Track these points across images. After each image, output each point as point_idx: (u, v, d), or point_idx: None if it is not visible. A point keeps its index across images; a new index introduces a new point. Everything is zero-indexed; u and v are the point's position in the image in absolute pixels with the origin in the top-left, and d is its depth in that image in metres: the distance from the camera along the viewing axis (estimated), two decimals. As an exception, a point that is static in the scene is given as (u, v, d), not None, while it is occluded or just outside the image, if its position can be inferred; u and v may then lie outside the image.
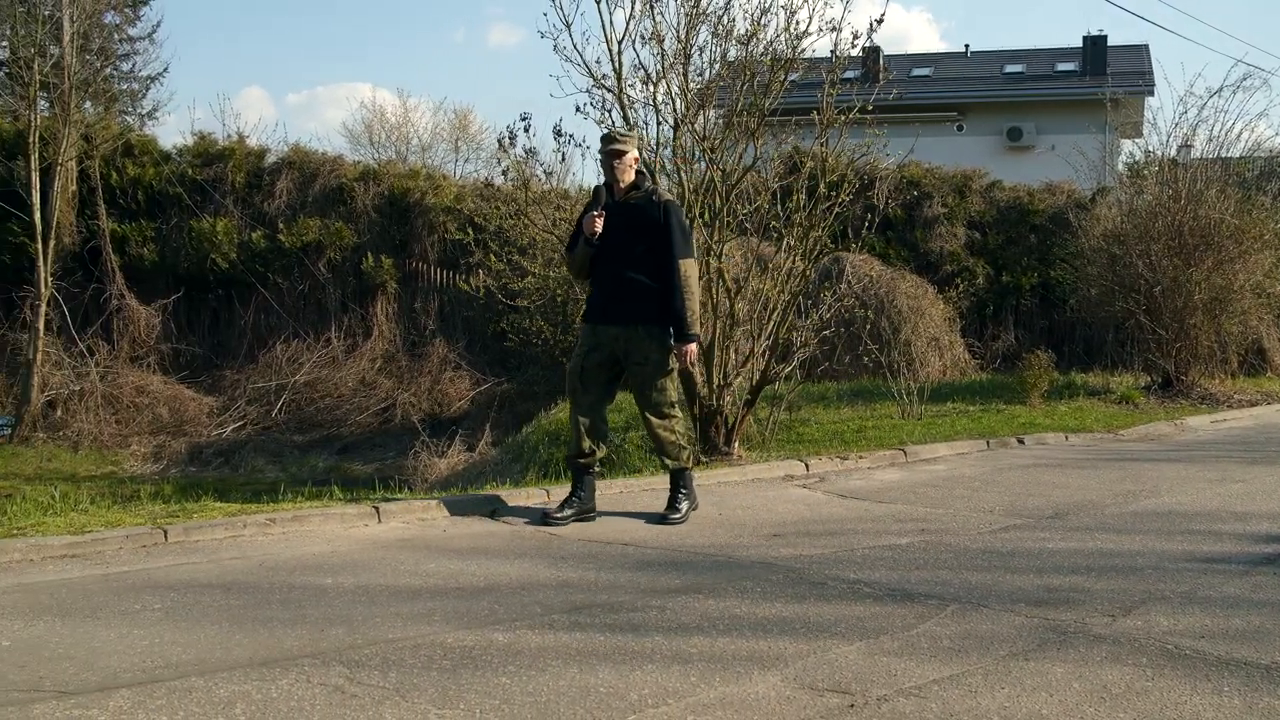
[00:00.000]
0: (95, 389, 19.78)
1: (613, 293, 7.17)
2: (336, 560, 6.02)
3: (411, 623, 4.78)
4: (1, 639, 4.49)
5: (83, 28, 23.08)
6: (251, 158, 23.52)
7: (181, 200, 22.70)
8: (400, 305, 21.90)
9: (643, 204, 7.12)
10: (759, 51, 10.01)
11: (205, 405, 20.33)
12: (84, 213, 22.80)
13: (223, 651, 4.36)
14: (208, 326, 22.66)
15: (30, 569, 5.74)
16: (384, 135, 38.97)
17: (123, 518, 6.87)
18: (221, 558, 6.04)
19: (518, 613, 4.95)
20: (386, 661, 4.24)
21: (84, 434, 18.87)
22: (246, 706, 3.75)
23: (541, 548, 6.43)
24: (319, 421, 19.85)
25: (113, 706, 3.75)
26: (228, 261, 22.06)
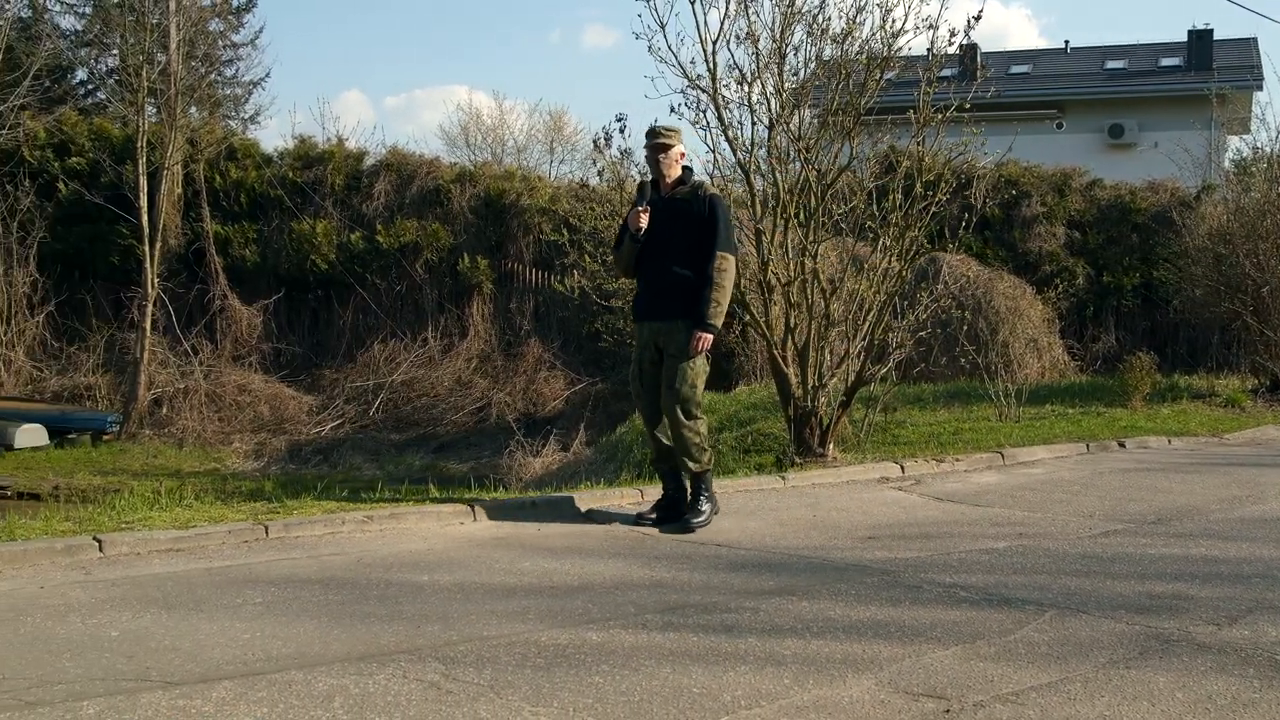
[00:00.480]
0: (199, 387, 20.23)
1: (657, 288, 7.11)
2: (432, 558, 6.08)
3: (506, 620, 4.82)
4: (110, 629, 4.61)
5: (188, 35, 23.63)
6: (350, 160, 23.87)
7: (282, 202, 23.11)
8: (496, 306, 22.09)
9: (689, 199, 7.04)
10: (854, 50, 9.94)
11: (305, 404, 20.69)
12: (189, 215, 23.32)
13: (321, 646, 4.43)
14: (307, 326, 23.05)
15: (137, 562, 5.88)
16: (480, 137, 39.38)
17: (225, 513, 7.02)
18: (320, 554, 6.14)
19: (611, 612, 4.96)
20: (481, 659, 4.27)
21: (188, 431, 19.30)
22: (344, 700, 3.81)
23: (635, 547, 6.45)
24: (415, 420, 20.10)
25: (215, 697, 3.83)
26: (327, 262, 22.42)
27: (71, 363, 22.25)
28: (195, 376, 20.47)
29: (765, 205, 9.89)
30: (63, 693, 3.86)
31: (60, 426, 19.03)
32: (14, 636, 4.50)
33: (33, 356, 22.55)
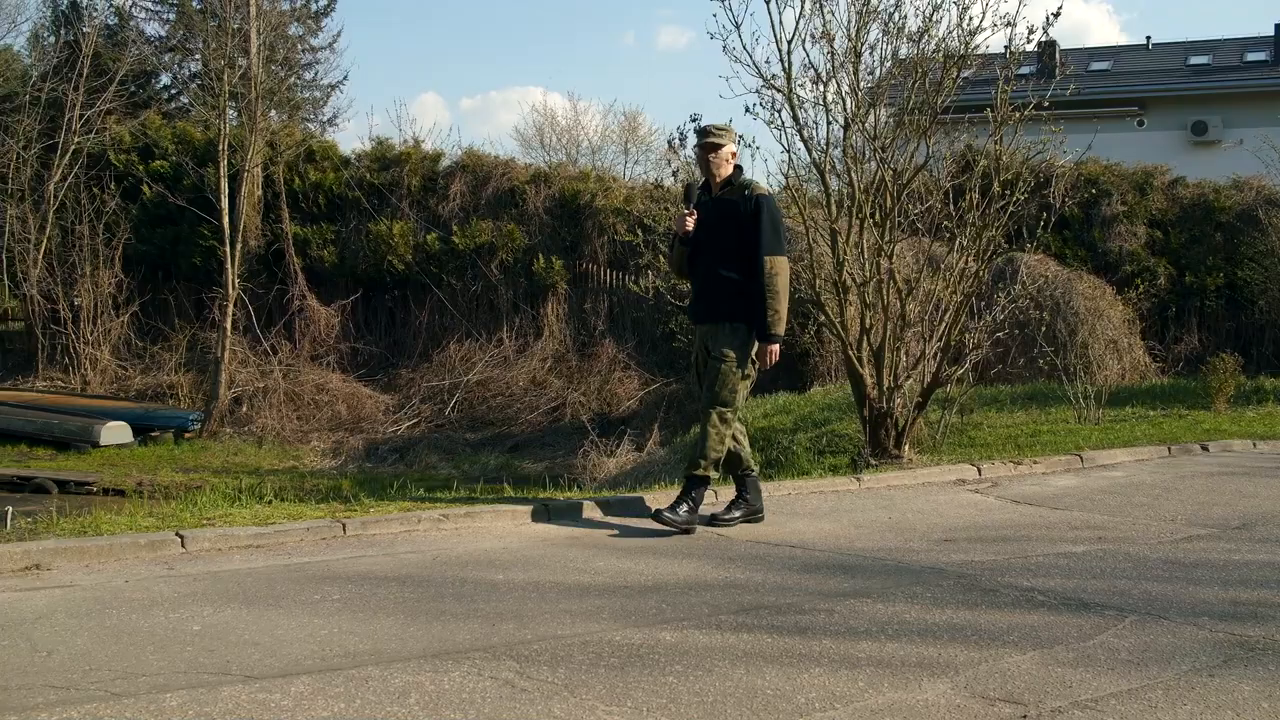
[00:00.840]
0: (278, 386, 20.52)
1: (704, 290, 7.03)
2: (507, 556, 6.12)
3: (580, 619, 4.84)
4: (193, 623, 4.69)
5: (268, 39, 23.99)
6: (427, 162, 24.08)
7: (360, 204, 23.37)
8: (570, 306, 22.17)
9: (736, 199, 6.90)
10: (931, 49, 9.87)
11: (381, 403, 20.91)
12: (268, 216, 23.66)
13: (398, 643, 4.48)
14: (384, 326, 23.29)
15: (218, 558, 5.98)
16: (555, 138, 39.58)
17: (304, 511, 7.11)
18: (397, 551, 6.20)
19: (685, 612, 4.97)
20: (555, 657, 4.29)
21: (267, 429, 19.59)
22: (420, 697, 3.85)
23: (709, 548, 6.44)
24: (490, 420, 20.23)
25: (294, 692, 3.88)
26: (403, 263, 22.63)
27: (155, 362, 22.68)
28: (274, 376, 20.76)
29: (840, 205, 9.85)
30: (146, 684, 3.93)
31: (144, 424, 19.40)
32: (100, 628, 4.60)
33: (118, 356, 23.03)
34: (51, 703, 3.75)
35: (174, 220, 23.38)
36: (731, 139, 7.08)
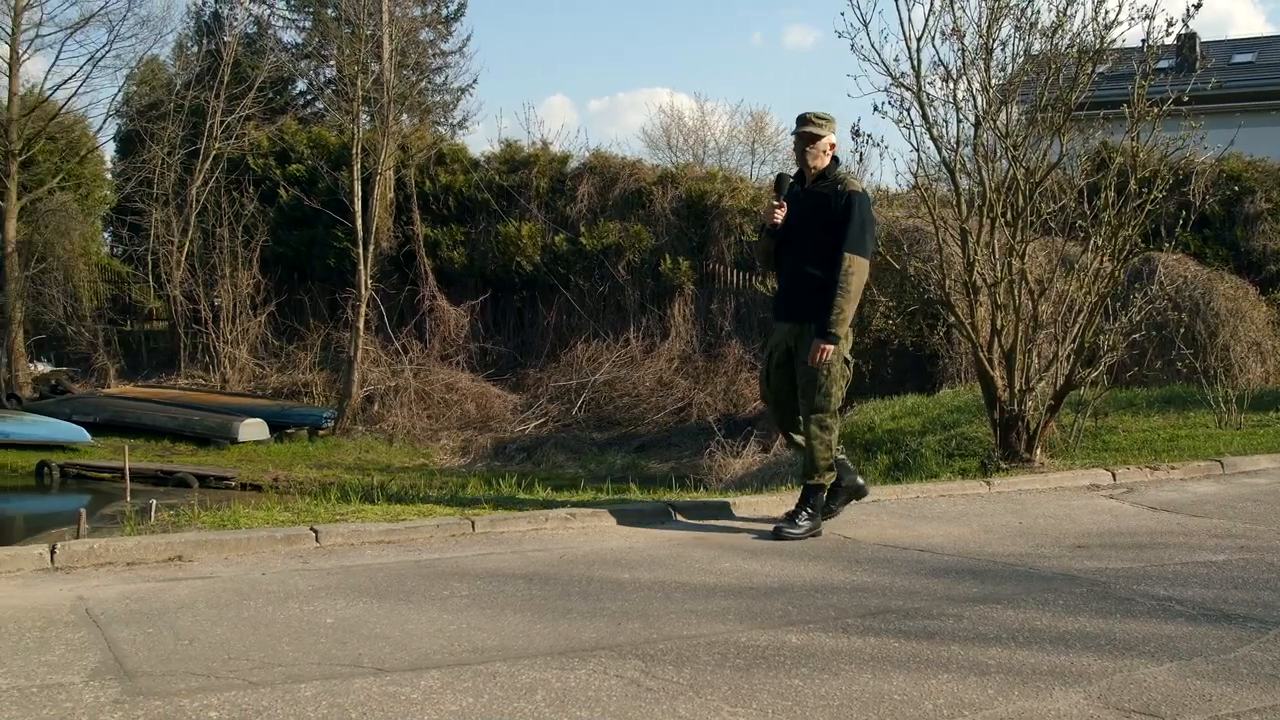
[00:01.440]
0: (409, 385, 20.89)
1: (791, 287, 6.82)
2: (633, 556, 6.15)
3: (706, 620, 4.84)
4: (326, 616, 4.80)
5: (400, 45, 24.45)
6: (554, 163, 24.31)
7: (489, 205, 23.68)
8: (697, 306, 22.19)
9: (827, 194, 6.62)
10: (1064, 44, 9.65)
11: (509, 402, 21.15)
12: (400, 218, 24.12)
13: (525, 639, 4.53)
14: (512, 327, 23.57)
15: (351, 553, 6.11)
16: (681, 139, 39.60)
17: (434, 508, 7.24)
18: (524, 549, 6.26)
19: (811, 615, 4.94)
20: (681, 657, 4.30)
21: (398, 427, 19.96)
22: (546, 694, 3.88)
23: (835, 550, 6.39)
24: (617, 420, 20.34)
25: (424, 686, 3.95)
26: (532, 264, 22.87)
27: (290, 361, 23.29)
28: (405, 375, 21.15)
29: (971, 204, 9.70)
30: (282, 674, 4.04)
31: (280, 422, 19.92)
32: (239, 619, 4.73)
33: (255, 355, 23.68)
34: (194, 689, 3.87)
35: (309, 223, 23.98)
36: (831, 130, 6.79)
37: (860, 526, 7.00)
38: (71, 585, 5.30)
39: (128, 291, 27.85)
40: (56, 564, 5.66)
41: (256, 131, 26.08)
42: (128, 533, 6.69)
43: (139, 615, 4.77)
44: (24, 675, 4.00)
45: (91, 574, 5.54)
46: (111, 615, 4.76)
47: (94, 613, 4.79)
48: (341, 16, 25.10)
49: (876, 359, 16.02)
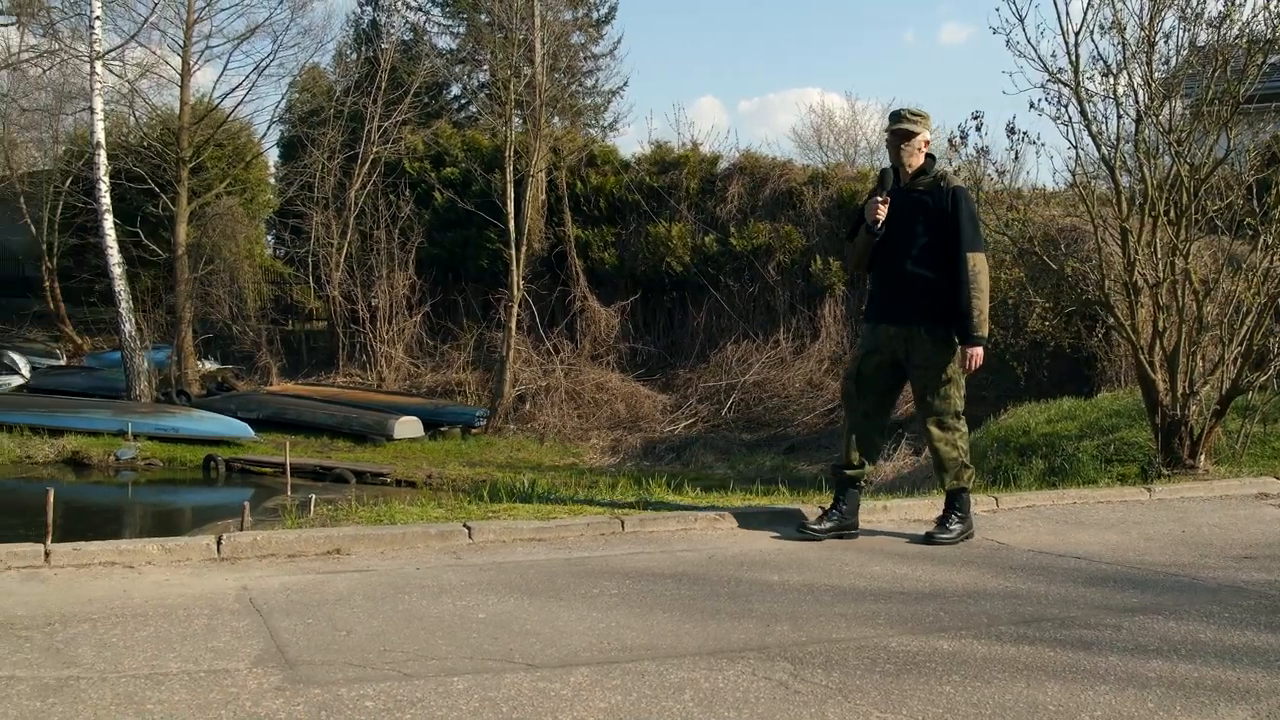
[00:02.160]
0: (559, 385, 21.12)
1: (893, 288, 6.59)
2: (782, 557, 6.12)
3: (855, 624, 4.79)
4: (478, 611, 4.88)
5: (552, 49, 24.74)
6: (704, 164, 24.33)
7: (639, 206, 23.81)
8: (848, 307, 21.98)
9: (929, 191, 6.44)
10: (1233, 34, 9.31)
11: (659, 402, 21.23)
12: (551, 220, 24.41)
13: (673, 639, 4.54)
14: (662, 327, 23.65)
15: (502, 549, 6.20)
16: (832, 138, 39.20)
17: (584, 506, 7.31)
18: (673, 549, 6.28)
19: (963, 621, 4.86)
20: (830, 660, 4.27)
21: (549, 426, 20.19)
22: (695, 693, 3.89)
23: (988, 556, 6.27)
24: (766, 421, 20.26)
25: (573, 682, 3.99)
26: (681, 265, 22.93)
27: (444, 360, 23.74)
28: (556, 374, 21.39)
29: (1132, 203, 9.42)
30: (435, 668, 4.12)
31: (433, 419, 20.31)
32: (394, 612, 4.84)
33: (410, 354, 24.20)
34: (350, 679, 3.97)
35: (463, 224, 24.43)
36: (926, 126, 6.62)
37: (1014, 532, 6.86)
38: (236, 575, 5.48)
39: (289, 292, 28.74)
40: (223, 554, 5.87)
41: (412, 136, 26.66)
42: (289, 526, 6.90)
43: (299, 606, 4.92)
44: (192, 660, 4.16)
45: (255, 565, 5.73)
46: (273, 605, 4.91)
47: (257, 602, 4.95)
48: (494, 22, 25.48)
49: (1032, 361, 15.67)
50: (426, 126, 27.63)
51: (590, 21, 36.92)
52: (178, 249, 25.50)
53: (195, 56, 25.74)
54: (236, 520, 7.55)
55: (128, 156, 25.88)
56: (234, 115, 28.18)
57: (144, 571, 5.57)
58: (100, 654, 4.22)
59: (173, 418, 19.87)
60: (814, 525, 6.60)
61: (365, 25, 38.40)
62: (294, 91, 31.22)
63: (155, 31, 26.36)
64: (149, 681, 3.93)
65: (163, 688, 3.87)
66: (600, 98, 38.67)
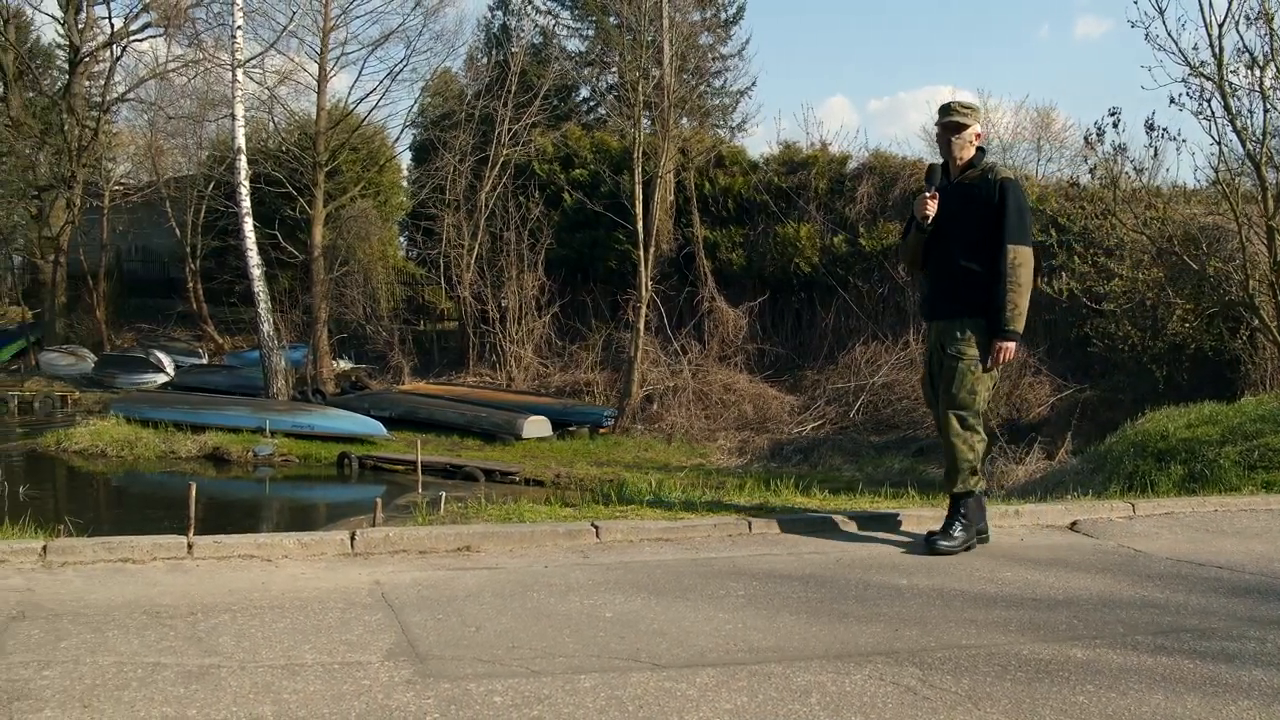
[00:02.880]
0: (687, 385, 21.13)
1: (942, 284, 6.44)
2: (911, 561, 6.05)
3: (985, 630, 4.71)
4: (605, 610, 4.91)
5: (680, 50, 24.76)
6: (833, 164, 24.14)
7: (767, 207, 23.72)
8: (979, 308, 21.61)
9: (978, 184, 6.28)
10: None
11: (786, 404, 21.12)
12: (679, 221, 24.44)
13: (800, 641, 4.51)
14: (790, 328, 23.52)
15: (629, 549, 6.23)
16: (963, 137, 38.60)
17: (711, 507, 7.30)
18: (800, 551, 6.25)
19: (1098, 630, 4.74)
20: (959, 667, 4.20)
21: (676, 427, 20.20)
22: (821, 697, 3.86)
23: (1125, 564, 6.12)
24: (895, 423, 20.02)
25: (699, 683, 3.99)
26: (810, 265, 22.79)
27: (573, 360, 23.91)
28: (684, 375, 21.40)
29: (1278, 200, 9.12)
30: (563, 665, 4.16)
31: (561, 419, 20.46)
32: (522, 609, 4.89)
33: (539, 354, 24.43)
34: (479, 674, 4.03)
35: (591, 225, 24.60)
36: (976, 119, 6.52)
37: (1151, 539, 6.68)
38: (369, 570, 5.60)
39: (421, 293, 29.24)
40: (356, 550, 5.99)
41: (542, 138, 26.93)
42: (420, 523, 7.02)
43: (430, 601, 5.00)
44: (327, 652, 4.26)
45: (387, 560, 5.84)
46: (405, 600, 5.00)
47: (389, 597, 5.05)
48: (623, 24, 25.60)
49: (1171, 364, 15.24)
50: (556, 129, 27.89)
51: (718, 22, 36.89)
52: (314, 251, 26.12)
53: (331, 63, 26.36)
54: (369, 516, 7.70)
55: (267, 161, 26.62)
56: (368, 119, 28.85)
57: (281, 565, 5.71)
58: (239, 644, 4.34)
59: (308, 415, 20.34)
60: (940, 538, 6.33)
61: (495, 29, 38.95)
62: (426, 96, 31.80)
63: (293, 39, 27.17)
64: (285, 672, 4.03)
65: (298, 678, 3.97)
66: (728, 98, 38.65)
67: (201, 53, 28.09)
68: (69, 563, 5.64)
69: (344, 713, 3.66)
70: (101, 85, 33.65)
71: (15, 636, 4.41)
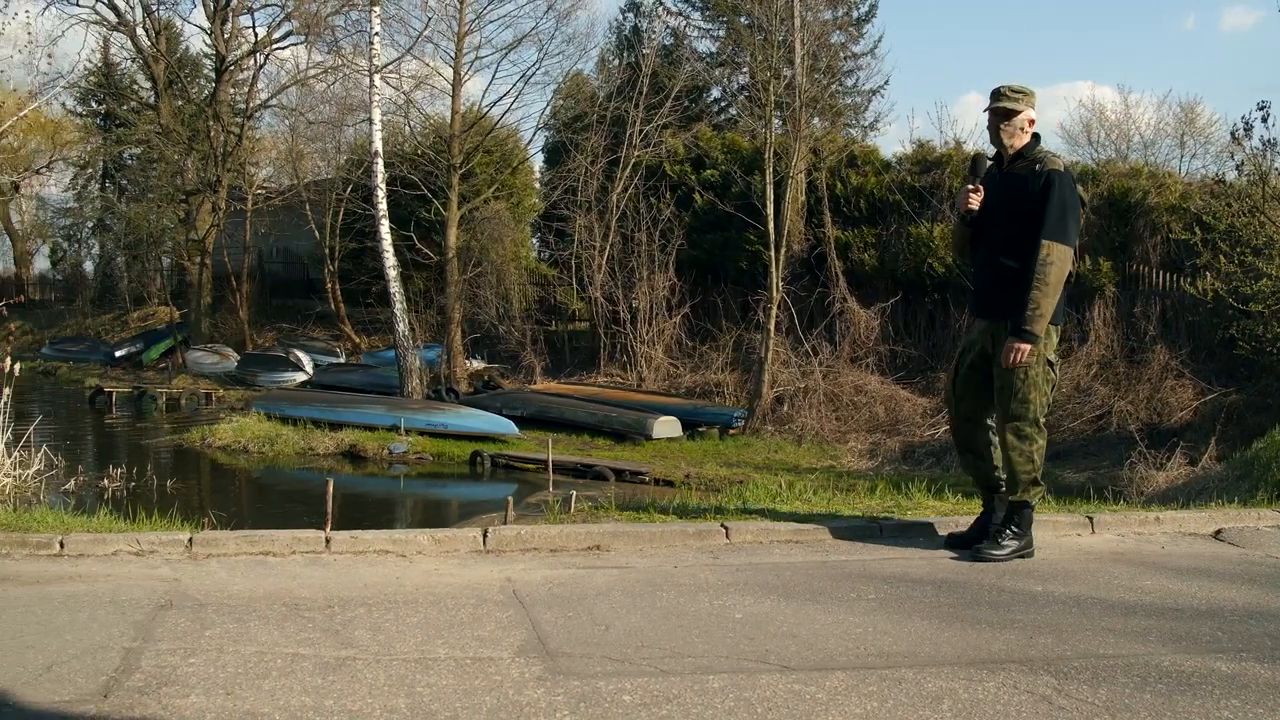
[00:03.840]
0: (818, 387, 20.98)
1: (986, 280, 6.16)
2: (1046, 568, 5.93)
3: (1124, 639, 4.60)
4: (734, 611, 4.91)
5: (812, 49, 24.59)
6: (968, 163, 23.73)
7: (900, 207, 23.44)
8: (1118, 309, 21.07)
9: (1026, 175, 5.99)
10: None
11: (919, 406, 20.84)
12: (810, 221, 24.28)
13: (931, 647, 4.46)
14: (923, 329, 23.22)
15: (759, 550, 6.22)
16: (1103, 134, 37.69)
17: (842, 509, 7.25)
18: (934, 555, 6.17)
19: (1244, 643, 4.59)
20: (1096, 677, 4.11)
21: (806, 428, 20.08)
22: (953, 704, 3.81)
23: (1273, 575, 5.90)
24: (1034, 426, 19.62)
25: (829, 686, 3.96)
26: (944, 266, 22.45)
27: (703, 361, 23.90)
28: (814, 376, 21.26)
29: None
30: (691, 665, 4.16)
31: (692, 420, 20.47)
32: (651, 609, 4.91)
33: (669, 354, 24.47)
34: (609, 673, 4.06)
35: (722, 226, 24.56)
36: (1030, 104, 6.15)
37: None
38: (501, 567, 5.67)
39: (553, 293, 29.48)
40: (488, 547, 6.08)
41: (673, 139, 26.97)
42: (551, 521, 7.09)
43: (560, 599, 5.05)
44: (459, 647, 4.33)
45: (518, 558, 5.92)
46: (535, 598, 5.06)
47: (520, 594, 5.11)
48: (754, 24, 25.51)
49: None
50: (687, 129, 27.91)
51: (850, 20, 36.55)
52: (448, 252, 26.53)
53: (466, 67, 26.70)
54: (501, 514, 7.79)
55: (403, 164, 27.10)
56: (501, 122, 29.14)
57: (414, 560, 5.82)
58: (375, 637, 4.44)
59: (442, 414, 20.66)
60: (987, 549, 6.09)
61: (627, 31, 39.13)
62: (558, 98, 32.08)
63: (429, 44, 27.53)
64: (418, 665, 4.11)
65: (431, 672, 4.04)
66: (860, 97, 38.25)
67: (340, 59, 28.80)
68: (213, 554, 5.82)
69: (475, 707, 3.71)
70: (245, 92, 34.67)
71: (163, 624, 4.57)
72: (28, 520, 6.66)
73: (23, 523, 6.55)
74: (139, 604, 4.87)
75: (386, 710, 3.68)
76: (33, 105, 27.07)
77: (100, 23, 34.28)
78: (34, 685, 3.89)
